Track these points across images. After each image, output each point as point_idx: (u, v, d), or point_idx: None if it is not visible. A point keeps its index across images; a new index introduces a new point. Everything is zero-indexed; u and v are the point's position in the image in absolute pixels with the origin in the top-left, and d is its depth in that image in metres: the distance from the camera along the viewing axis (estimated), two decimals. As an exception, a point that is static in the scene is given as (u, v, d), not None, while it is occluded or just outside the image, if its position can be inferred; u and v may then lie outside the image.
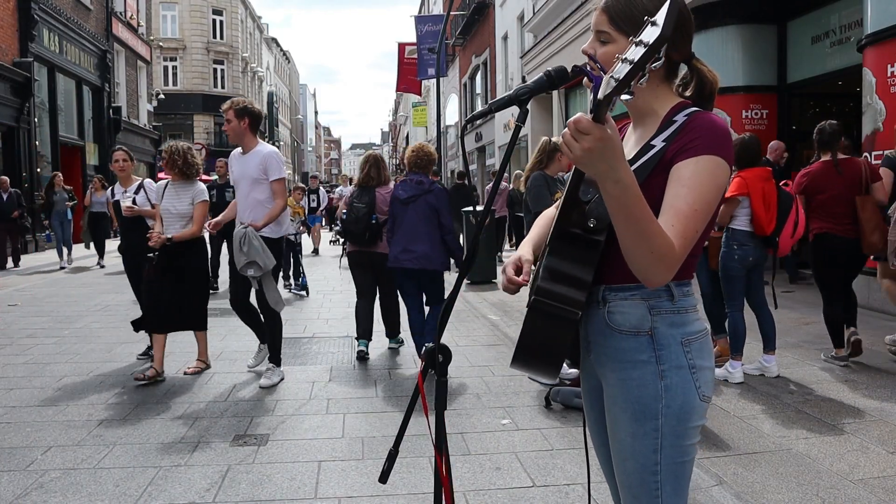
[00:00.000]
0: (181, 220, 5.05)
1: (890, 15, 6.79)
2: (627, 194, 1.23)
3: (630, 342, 1.46)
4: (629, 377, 1.46)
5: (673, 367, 1.44)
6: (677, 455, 1.45)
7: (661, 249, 1.28)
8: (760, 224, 4.55)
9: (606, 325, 1.49)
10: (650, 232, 1.26)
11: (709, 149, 1.37)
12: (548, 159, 4.93)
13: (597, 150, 1.18)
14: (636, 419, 1.45)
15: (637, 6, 1.44)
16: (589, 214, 1.38)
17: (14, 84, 15.19)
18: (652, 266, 1.30)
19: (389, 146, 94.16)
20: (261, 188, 4.76)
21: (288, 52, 65.48)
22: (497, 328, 6.76)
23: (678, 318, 1.47)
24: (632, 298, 1.46)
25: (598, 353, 1.53)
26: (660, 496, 1.46)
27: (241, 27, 41.08)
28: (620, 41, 1.45)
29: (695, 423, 1.46)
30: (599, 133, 1.17)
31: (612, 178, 1.21)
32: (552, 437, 3.69)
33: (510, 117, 21.77)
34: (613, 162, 1.20)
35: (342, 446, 3.62)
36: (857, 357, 5.04)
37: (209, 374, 5.05)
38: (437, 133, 20.23)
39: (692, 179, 1.35)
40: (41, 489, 3.08)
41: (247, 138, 4.85)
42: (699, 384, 1.45)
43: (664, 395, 1.43)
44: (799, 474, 3.14)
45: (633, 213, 1.24)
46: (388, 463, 1.62)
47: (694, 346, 1.46)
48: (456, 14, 27.19)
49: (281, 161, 4.85)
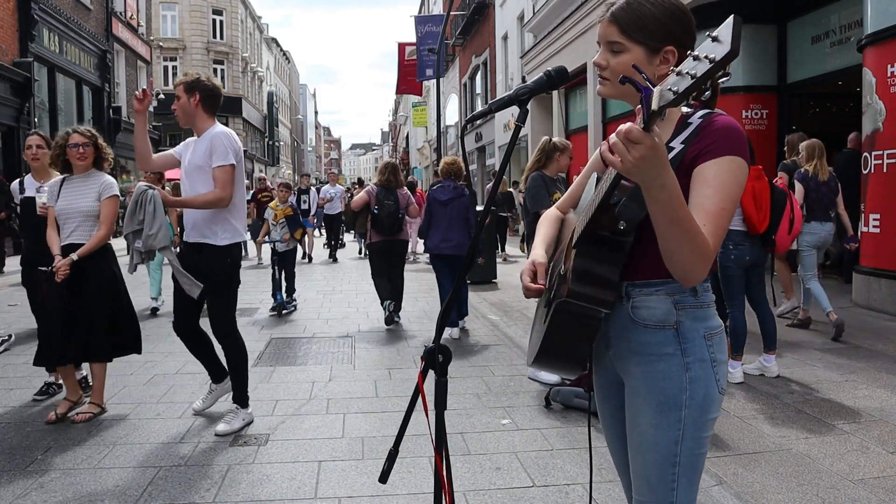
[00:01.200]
0: (86, 221, 4.06)
1: (890, 15, 6.79)
2: (673, 198, 1.28)
3: (656, 336, 1.50)
4: (655, 369, 1.50)
5: (697, 359, 1.49)
6: (696, 447, 1.50)
7: (702, 247, 1.34)
8: (752, 223, 4.55)
9: (631, 320, 1.53)
10: (693, 232, 1.32)
11: (729, 150, 1.43)
12: (546, 159, 4.92)
13: (648, 158, 1.21)
14: (660, 410, 1.49)
15: (647, 16, 1.49)
16: (619, 217, 1.42)
17: (14, 84, 15.18)
18: (694, 264, 1.36)
19: (389, 146, 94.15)
20: (205, 180, 3.77)
21: (288, 52, 65.47)
22: (497, 328, 6.76)
23: (701, 312, 1.52)
24: (657, 294, 1.51)
25: (620, 348, 1.57)
26: (676, 488, 1.50)
27: (241, 27, 41.08)
28: (635, 51, 1.50)
29: (713, 415, 1.52)
30: (651, 142, 1.20)
31: (658, 183, 1.25)
32: (552, 437, 3.69)
33: (510, 117, 21.77)
34: (661, 169, 1.24)
35: (342, 446, 3.62)
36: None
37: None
38: (437, 133, 20.22)
39: (716, 180, 1.40)
40: (41, 489, 3.08)
41: (199, 119, 3.87)
42: (718, 377, 1.52)
43: (688, 386, 1.48)
44: (799, 474, 3.14)
45: (678, 216, 1.30)
46: (388, 463, 1.62)
47: (714, 340, 1.52)
48: (456, 14, 27.20)
49: (232, 144, 3.79)
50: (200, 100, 3.84)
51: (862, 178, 7.28)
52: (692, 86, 1.11)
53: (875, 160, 6.98)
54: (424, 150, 44.37)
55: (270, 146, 48.96)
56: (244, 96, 40.72)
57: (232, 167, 3.75)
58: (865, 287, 7.10)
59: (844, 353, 5.28)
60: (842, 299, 7.51)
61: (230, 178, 3.74)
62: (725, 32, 1.10)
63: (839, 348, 5.45)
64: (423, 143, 45.14)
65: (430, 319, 7.29)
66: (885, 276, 6.82)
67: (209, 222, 3.78)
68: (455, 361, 5.37)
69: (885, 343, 5.58)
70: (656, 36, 1.49)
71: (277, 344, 6.10)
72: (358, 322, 7.17)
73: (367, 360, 5.52)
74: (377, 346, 5.99)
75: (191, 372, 5.10)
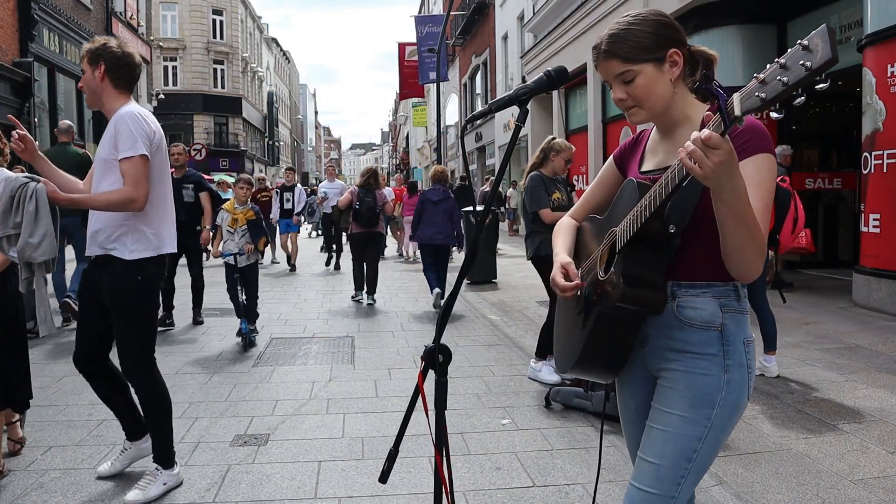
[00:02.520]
0: None
1: (890, 15, 6.79)
2: (742, 200, 1.32)
3: (700, 335, 1.54)
4: (696, 366, 1.53)
5: (736, 363, 1.53)
6: (713, 447, 1.54)
7: (762, 244, 1.39)
8: None
9: (675, 319, 1.55)
10: (756, 230, 1.37)
11: (761, 148, 1.47)
12: (545, 159, 4.91)
13: (725, 163, 1.25)
14: (693, 405, 1.52)
15: (639, 35, 1.53)
16: (668, 221, 1.45)
17: (14, 84, 15.18)
18: (756, 260, 1.41)
19: (389, 146, 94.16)
20: (115, 177, 2.90)
21: (288, 52, 65.48)
22: (497, 328, 6.76)
23: (742, 318, 1.57)
24: (704, 295, 1.54)
25: (657, 346, 1.59)
26: (682, 484, 1.53)
27: (241, 27, 41.08)
28: (645, 70, 1.53)
29: (737, 418, 1.56)
30: (729, 147, 1.24)
31: (730, 187, 1.29)
32: (552, 437, 3.69)
33: (510, 117, 21.77)
34: (734, 172, 1.28)
35: (342, 446, 3.62)
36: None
37: (209, 374, 5.04)
38: (437, 133, 20.21)
39: (756, 177, 1.44)
40: (41, 489, 3.08)
41: (106, 97, 3.01)
42: (750, 384, 1.57)
43: (725, 388, 1.52)
44: (799, 474, 3.14)
45: (745, 217, 1.34)
46: (388, 463, 1.63)
47: (750, 348, 1.57)
48: (456, 14, 27.20)
49: (141, 128, 2.88)
50: (106, 71, 2.96)
51: (862, 178, 7.28)
52: (784, 91, 1.14)
53: (875, 160, 6.98)
54: (424, 150, 44.36)
55: (270, 146, 48.99)
56: (244, 96, 40.74)
57: (143, 159, 2.85)
58: (865, 287, 7.10)
59: (844, 354, 5.28)
60: (842, 299, 7.52)
61: (142, 173, 2.85)
62: (818, 41, 1.11)
63: (839, 348, 5.45)
64: (424, 143, 45.14)
65: (430, 319, 7.30)
66: (885, 276, 6.82)
67: (115, 229, 2.93)
68: (455, 361, 5.36)
69: (885, 343, 5.58)
70: (655, 48, 1.53)
71: (277, 344, 6.10)
72: (358, 322, 7.17)
73: (367, 360, 5.52)
74: (377, 346, 5.99)
75: (190, 372, 5.10)
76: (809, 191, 10.18)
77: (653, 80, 1.53)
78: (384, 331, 6.72)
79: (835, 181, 10.37)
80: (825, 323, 6.39)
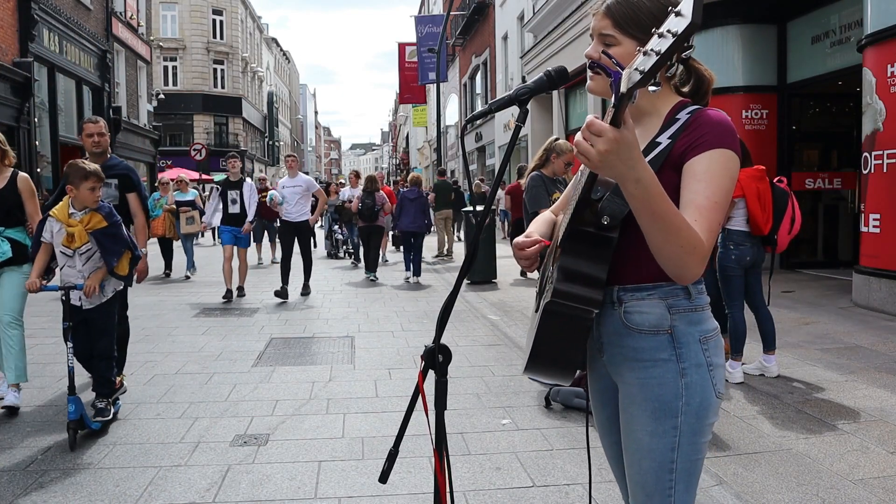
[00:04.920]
0: None
1: (890, 15, 6.79)
2: (650, 193, 1.24)
3: (649, 341, 1.47)
4: (649, 375, 1.47)
5: (692, 364, 1.46)
6: (692, 453, 1.48)
7: (691, 242, 1.30)
8: (758, 224, 4.56)
9: (623, 325, 1.49)
10: (677, 226, 1.28)
11: (718, 143, 1.39)
12: (545, 159, 4.92)
13: (613, 151, 1.18)
14: (656, 417, 1.46)
15: (642, 10, 1.46)
16: (602, 212, 1.38)
17: (14, 84, 15.17)
18: (685, 260, 1.32)
19: (389, 146, 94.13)
20: None
21: (288, 52, 65.48)
22: (497, 328, 6.76)
23: (695, 315, 1.48)
24: (649, 298, 1.47)
25: (613, 354, 1.53)
26: (673, 494, 1.48)
27: (241, 27, 41.08)
28: (626, 44, 1.47)
29: (710, 420, 1.49)
30: (613, 134, 1.16)
31: (632, 178, 1.22)
32: (552, 437, 3.69)
33: (510, 117, 21.76)
34: (631, 162, 1.20)
35: (342, 446, 3.62)
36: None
37: (209, 374, 5.04)
38: (437, 133, 20.21)
39: (707, 174, 1.37)
40: (41, 489, 3.08)
41: None
42: (715, 381, 1.48)
43: (684, 392, 1.45)
44: (799, 474, 3.14)
45: (658, 211, 1.26)
46: (388, 463, 1.62)
47: (710, 343, 1.49)
48: (456, 14, 27.20)
49: None
50: None
51: (862, 178, 7.28)
52: (657, 62, 1.09)
53: (875, 160, 6.98)
54: (424, 150, 44.36)
55: (270, 146, 48.98)
56: (244, 96, 40.74)
57: None
58: (865, 287, 7.10)
59: (844, 353, 5.28)
60: (842, 299, 7.52)
61: None
62: (686, 5, 1.08)
63: (839, 348, 5.45)
64: (423, 143, 45.14)
65: (430, 319, 7.29)
66: (885, 276, 6.82)
67: None
68: (455, 361, 5.37)
69: (885, 343, 5.58)
70: (649, 30, 1.49)
71: (277, 344, 6.10)
72: (358, 322, 7.17)
73: (367, 360, 5.52)
74: (377, 346, 5.99)
75: (190, 372, 5.11)
76: (809, 191, 10.18)
77: (627, 58, 1.40)
78: (384, 331, 6.72)
79: (835, 181, 10.36)
80: (825, 323, 6.38)
